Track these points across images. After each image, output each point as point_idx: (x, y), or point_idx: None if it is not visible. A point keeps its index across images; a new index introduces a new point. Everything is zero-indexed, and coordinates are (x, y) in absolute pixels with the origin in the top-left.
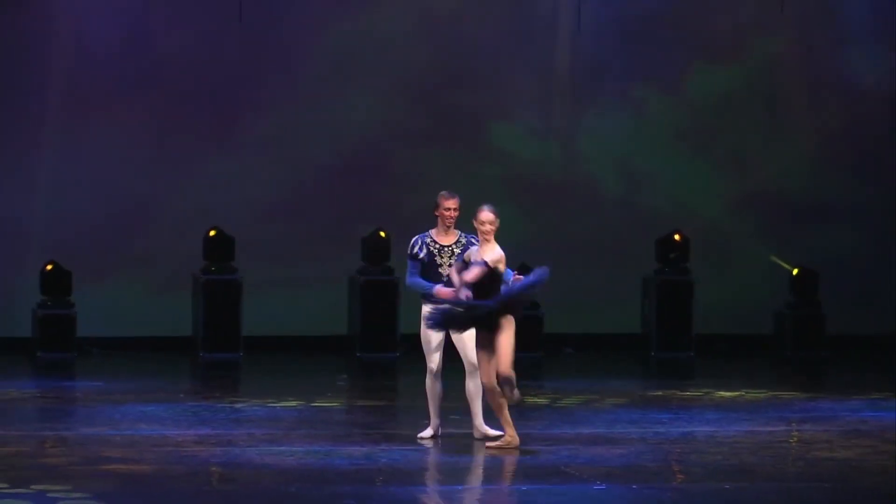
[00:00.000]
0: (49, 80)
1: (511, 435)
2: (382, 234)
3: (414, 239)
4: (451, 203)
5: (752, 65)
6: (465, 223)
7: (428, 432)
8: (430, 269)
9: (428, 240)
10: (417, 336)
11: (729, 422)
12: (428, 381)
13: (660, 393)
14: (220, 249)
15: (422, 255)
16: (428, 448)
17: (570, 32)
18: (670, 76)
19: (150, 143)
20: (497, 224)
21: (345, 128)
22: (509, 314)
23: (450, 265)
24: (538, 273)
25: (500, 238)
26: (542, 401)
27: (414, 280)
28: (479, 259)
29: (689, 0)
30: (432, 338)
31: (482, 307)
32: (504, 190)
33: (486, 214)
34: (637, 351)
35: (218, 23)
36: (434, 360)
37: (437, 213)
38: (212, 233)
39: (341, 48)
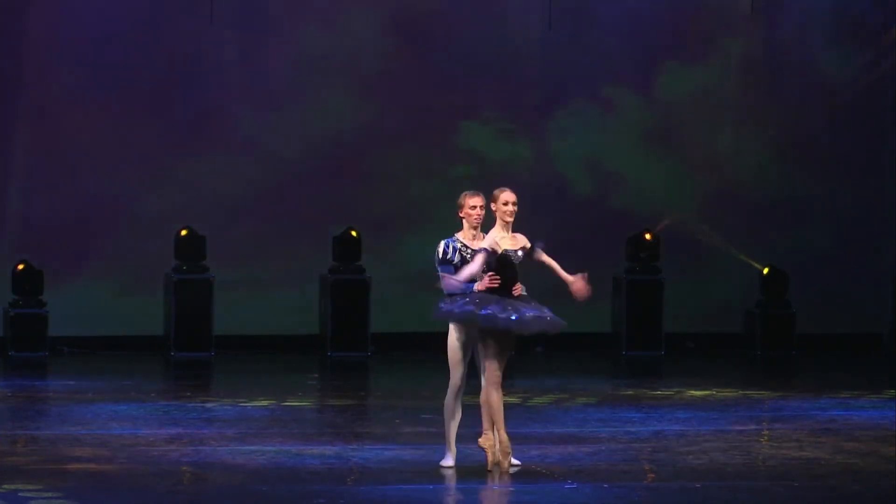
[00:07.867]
0: (19, 81)
1: (489, 438)
2: (353, 233)
3: (444, 243)
4: (477, 200)
5: (721, 65)
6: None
7: (449, 461)
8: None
9: (458, 244)
10: (387, 336)
11: (699, 421)
12: (449, 398)
13: (630, 392)
14: (192, 249)
15: (456, 261)
16: (399, 447)
17: (540, 31)
18: (641, 76)
19: (121, 143)
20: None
21: (316, 127)
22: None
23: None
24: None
25: None
26: (512, 400)
27: (450, 283)
28: (506, 248)
29: (660, 0)
30: (459, 348)
31: (505, 320)
32: (475, 190)
33: (510, 194)
34: (607, 350)
35: (189, 23)
36: (457, 374)
37: (461, 215)
38: (183, 232)
39: (312, 48)
